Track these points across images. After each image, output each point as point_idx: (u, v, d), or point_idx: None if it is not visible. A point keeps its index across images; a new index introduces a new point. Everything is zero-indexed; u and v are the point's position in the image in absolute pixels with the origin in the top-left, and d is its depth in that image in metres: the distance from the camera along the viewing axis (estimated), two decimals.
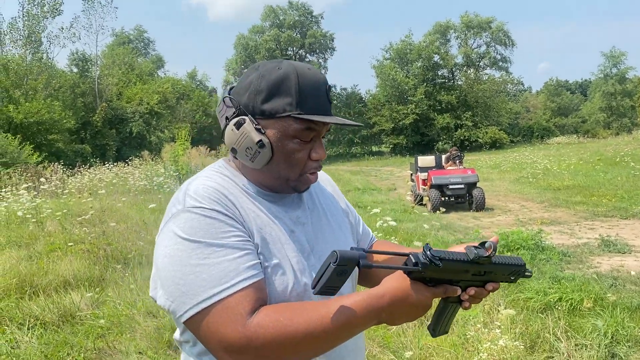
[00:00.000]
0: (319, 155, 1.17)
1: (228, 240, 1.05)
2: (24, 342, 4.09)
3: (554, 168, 19.44)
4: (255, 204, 1.16)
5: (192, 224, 1.05)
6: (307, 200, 1.29)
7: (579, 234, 8.40)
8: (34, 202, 9.43)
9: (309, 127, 1.13)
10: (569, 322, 4.10)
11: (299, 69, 1.13)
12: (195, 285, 1.01)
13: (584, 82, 79.63)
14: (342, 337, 1.03)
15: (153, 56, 58.17)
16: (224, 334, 0.98)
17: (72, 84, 32.16)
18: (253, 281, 1.03)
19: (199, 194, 1.09)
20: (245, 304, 1.00)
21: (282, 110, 1.11)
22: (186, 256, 1.03)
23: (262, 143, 1.12)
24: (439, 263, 1.02)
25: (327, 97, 1.16)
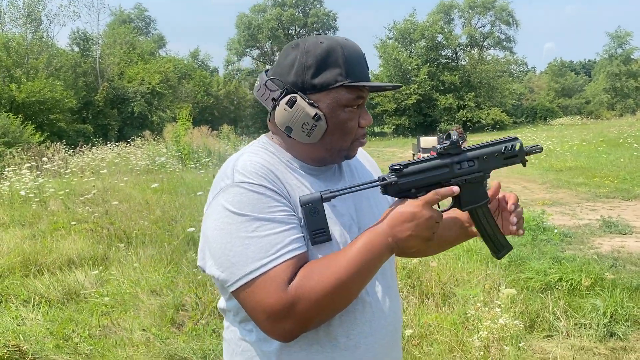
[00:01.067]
0: (367, 121, 1.22)
1: (274, 214, 1.10)
2: (30, 319, 4.14)
3: (556, 149, 19.38)
4: (299, 179, 1.21)
5: (240, 198, 1.10)
6: (347, 175, 1.33)
7: (580, 215, 8.41)
8: (37, 182, 9.47)
9: (359, 96, 1.18)
10: (569, 302, 4.13)
11: (340, 41, 1.19)
12: (243, 256, 1.07)
13: (588, 63, 78.98)
14: (365, 275, 1.08)
15: (154, 35, 57.71)
16: (268, 302, 1.04)
17: (73, 63, 31.96)
18: (297, 253, 1.08)
19: (246, 169, 1.14)
20: (288, 272, 1.06)
21: (334, 81, 1.15)
22: (235, 229, 1.09)
23: (319, 116, 1.16)
24: (401, 167, 1.08)
25: (366, 64, 1.22)
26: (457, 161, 1.13)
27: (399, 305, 1.36)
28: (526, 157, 1.25)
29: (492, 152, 1.18)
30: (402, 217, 1.07)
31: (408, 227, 1.07)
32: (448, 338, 3.38)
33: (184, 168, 13.86)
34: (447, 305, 4.10)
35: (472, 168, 1.15)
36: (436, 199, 1.09)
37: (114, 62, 34.68)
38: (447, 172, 1.12)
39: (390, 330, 1.27)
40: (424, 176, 1.10)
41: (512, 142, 1.21)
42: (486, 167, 1.18)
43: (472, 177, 1.16)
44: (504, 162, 1.21)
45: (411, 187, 1.09)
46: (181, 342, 3.58)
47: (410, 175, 1.09)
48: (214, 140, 20.28)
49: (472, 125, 43.66)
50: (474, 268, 4.81)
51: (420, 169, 1.10)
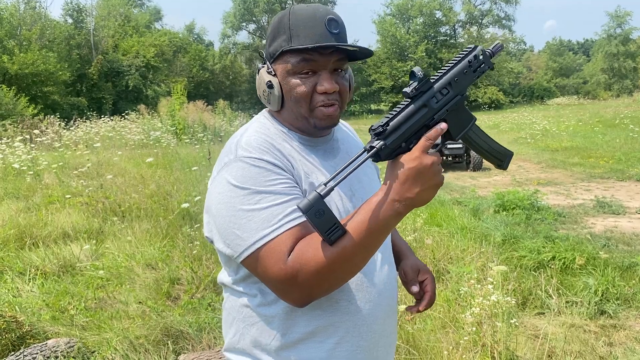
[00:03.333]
0: (324, 87, 1.18)
1: (275, 187, 1.11)
2: (25, 291, 4.16)
3: (552, 129, 19.40)
4: (300, 153, 1.23)
5: (242, 172, 1.12)
6: (343, 150, 1.35)
7: (574, 194, 8.46)
8: (30, 155, 9.41)
9: (304, 59, 1.17)
10: (561, 280, 4.18)
11: (294, 8, 1.19)
12: (248, 228, 1.09)
13: (587, 42, 78.54)
14: (372, 242, 1.06)
15: (150, 8, 56.86)
16: (272, 272, 1.07)
17: (67, 35, 31.55)
18: (298, 222, 1.09)
19: (250, 144, 1.16)
20: (289, 242, 1.07)
21: (279, 47, 1.18)
22: (239, 202, 1.10)
23: (271, 83, 1.20)
24: (384, 127, 1.04)
25: (326, 27, 1.17)
26: (431, 96, 1.09)
27: (395, 274, 1.38)
28: (492, 60, 1.21)
29: (460, 70, 1.13)
30: (405, 176, 1.03)
31: (415, 184, 1.03)
32: (441, 314, 3.41)
33: (178, 143, 13.80)
34: (440, 282, 4.14)
35: (448, 95, 1.11)
36: (429, 144, 1.05)
37: (109, 34, 34.24)
38: (426, 111, 1.08)
39: (388, 297, 1.30)
40: (407, 125, 1.06)
41: (473, 52, 1.16)
42: (461, 88, 1.14)
43: (452, 103, 1.12)
44: (474, 75, 1.16)
45: (400, 142, 1.05)
46: (177, 315, 3.61)
47: (395, 131, 1.05)
48: (209, 115, 20.16)
49: (469, 104, 43.54)
50: (467, 246, 4.84)
51: (401, 120, 1.05)
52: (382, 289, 1.27)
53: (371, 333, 1.25)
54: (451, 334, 3.19)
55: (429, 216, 6.07)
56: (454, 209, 6.68)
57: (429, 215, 6.14)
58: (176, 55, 40.91)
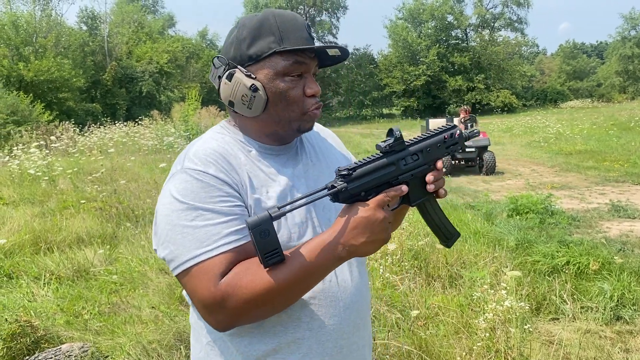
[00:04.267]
0: (313, 90, 1.17)
1: (215, 205, 1.07)
2: (40, 296, 4.20)
3: (566, 132, 19.23)
4: (255, 164, 1.18)
5: (185, 185, 1.09)
6: (310, 153, 1.30)
7: (589, 198, 8.37)
8: (46, 160, 9.52)
9: (296, 61, 1.14)
10: (576, 285, 4.14)
11: (275, 12, 1.17)
12: (181, 245, 1.06)
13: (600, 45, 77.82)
14: (306, 282, 1.06)
15: (164, 15, 57.37)
16: (200, 293, 1.04)
17: (81, 42, 31.93)
18: (234, 246, 1.06)
19: (197, 155, 1.13)
20: (222, 266, 1.04)
21: (267, 49, 1.13)
22: (176, 217, 1.07)
23: (255, 86, 1.14)
24: (350, 172, 1.05)
25: (308, 31, 1.16)
26: (402, 157, 1.12)
27: (366, 285, 1.33)
28: (465, 142, 1.26)
29: (434, 142, 1.18)
30: (355, 224, 1.04)
31: (362, 233, 1.04)
32: (454, 319, 3.39)
33: None
34: (453, 287, 4.11)
35: (417, 162, 1.14)
36: (387, 200, 1.07)
37: (122, 41, 34.60)
38: (393, 169, 1.11)
39: (357, 310, 1.25)
40: (372, 177, 1.08)
41: (450, 130, 1.21)
42: (430, 159, 1.17)
43: (418, 170, 1.15)
44: (446, 150, 1.21)
45: (361, 190, 1.07)
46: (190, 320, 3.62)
47: (359, 179, 1.06)
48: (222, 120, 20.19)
49: (482, 108, 43.33)
50: (481, 250, 4.81)
51: (368, 170, 1.07)
52: (349, 302, 1.23)
53: (337, 348, 1.21)
54: (464, 339, 3.17)
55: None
56: (466, 213, 6.64)
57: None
58: (189, 61, 41.20)
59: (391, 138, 1.11)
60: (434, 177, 1.16)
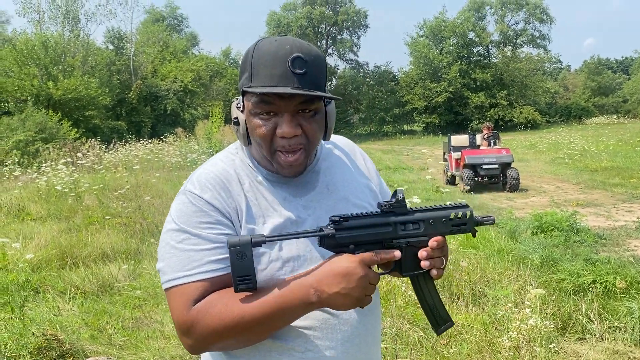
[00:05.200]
0: (283, 131, 1.08)
1: (203, 230, 1.09)
2: (66, 310, 4.27)
3: (591, 149, 18.94)
4: (259, 191, 1.16)
5: (181, 207, 1.13)
6: (329, 182, 1.24)
7: (615, 216, 8.21)
8: (72, 177, 9.71)
9: (262, 100, 1.08)
10: (603, 305, 4.05)
11: (260, 43, 1.10)
12: (168, 264, 1.10)
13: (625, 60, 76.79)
14: (275, 321, 1.04)
15: (187, 34, 58.43)
16: (175, 315, 1.08)
17: (108, 61, 32.65)
18: (212, 275, 1.07)
19: (199, 179, 1.15)
20: (197, 292, 1.06)
21: (241, 85, 1.12)
22: (169, 236, 1.12)
23: (237, 120, 1.15)
24: (341, 220, 1.01)
25: (289, 67, 1.06)
26: (401, 221, 1.07)
27: (375, 318, 1.26)
28: (476, 227, 1.17)
29: (440, 216, 1.11)
30: (333, 272, 1.00)
31: (337, 283, 1.00)
32: (478, 338, 3.35)
33: None
34: (477, 306, 4.06)
35: (417, 231, 1.09)
36: (374, 260, 1.02)
37: (148, 60, 35.28)
38: (389, 231, 1.06)
39: (357, 344, 1.18)
40: (364, 232, 1.04)
41: (462, 209, 1.14)
42: (432, 232, 1.10)
43: (416, 240, 1.09)
44: (451, 228, 1.13)
45: (350, 242, 1.03)
46: None
47: (350, 230, 1.02)
48: None
49: (505, 124, 42.93)
50: (505, 268, 4.75)
51: (361, 224, 1.04)
52: (349, 335, 1.17)
53: None
54: (488, 358, 3.12)
55: (465, 238, 5.98)
56: (490, 231, 6.56)
57: (465, 237, 6.04)
58: (213, 80, 41.78)
59: (394, 199, 1.08)
60: (427, 253, 1.09)
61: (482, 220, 1.17)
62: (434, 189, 11.23)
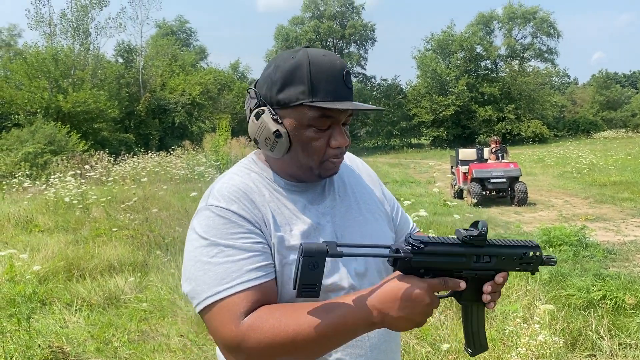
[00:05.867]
0: (338, 142, 1.15)
1: (236, 241, 1.07)
2: (72, 322, 4.26)
3: (600, 163, 18.84)
4: (280, 200, 1.17)
5: (207, 222, 1.10)
6: (339, 188, 1.28)
7: (625, 231, 8.14)
8: (80, 189, 9.77)
9: (323, 115, 1.11)
10: (613, 321, 4.00)
11: (312, 57, 1.11)
12: (202, 282, 1.06)
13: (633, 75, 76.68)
14: (333, 340, 1.01)
15: (196, 47, 58.97)
16: (221, 332, 1.02)
17: (117, 74, 32.94)
18: (255, 283, 1.05)
19: (221, 192, 1.13)
20: (243, 305, 1.02)
21: (295, 99, 1.10)
22: (199, 253, 1.08)
23: (279, 133, 1.12)
24: (421, 246, 0.98)
25: (344, 82, 1.12)
26: (476, 253, 1.06)
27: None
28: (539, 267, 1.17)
29: (512, 254, 1.10)
30: (401, 296, 0.98)
31: (403, 308, 0.98)
32: (486, 354, 3.31)
33: None
34: (485, 321, 4.02)
35: (488, 265, 1.08)
36: (442, 288, 1.02)
37: (157, 73, 35.57)
38: (464, 261, 1.05)
39: (384, 350, 1.22)
40: (440, 259, 1.01)
41: (533, 249, 1.13)
42: (500, 267, 1.09)
43: (484, 273, 1.08)
44: (518, 266, 1.13)
45: (422, 267, 1.01)
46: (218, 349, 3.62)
47: (427, 255, 1.00)
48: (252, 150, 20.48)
49: (512, 138, 42.85)
50: (513, 283, 4.71)
51: (440, 251, 1.01)
52: (376, 342, 1.19)
53: None
54: None
55: None
56: None
57: None
58: (221, 93, 42.06)
59: (474, 230, 1.05)
60: (492, 288, 1.09)
61: (547, 260, 1.17)
62: (441, 202, 11.19)
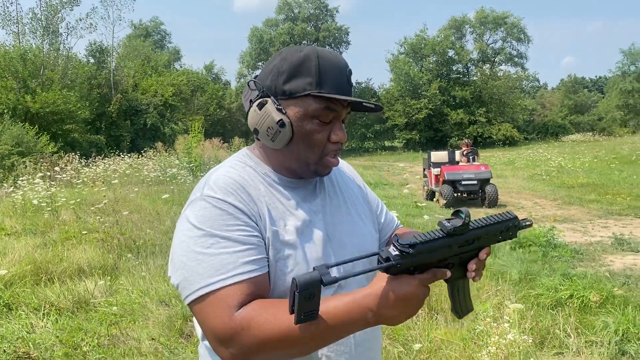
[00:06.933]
0: (339, 137, 1.17)
1: (232, 233, 1.07)
2: (39, 327, 4.17)
3: (568, 166, 19.27)
4: (274, 195, 1.18)
5: (203, 212, 1.08)
6: (329, 188, 1.30)
7: (592, 232, 8.34)
8: (49, 191, 9.56)
9: (328, 107, 1.14)
10: (580, 319, 4.09)
11: (320, 51, 1.16)
12: (195, 272, 1.04)
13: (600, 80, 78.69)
14: (326, 338, 1.02)
15: (170, 49, 58.39)
16: (213, 323, 1.01)
17: (89, 75, 32.37)
18: (249, 276, 1.04)
19: (217, 184, 1.12)
20: (236, 297, 1.02)
21: (302, 89, 1.13)
22: (192, 243, 1.06)
23: (283, 122, 1.13)
24: (410, 250, 0.98)
25: (347, 80, 1.17)
26: (460, 240, 1.07)
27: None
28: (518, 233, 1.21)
29: (494, 231, 1.13)
30: (395, 296, 0.98)
31: (398, 306, 0.98)
32: (457, 353, 3.35)
33: (194, 179, 13.94)
34: (456, 321, 4.07)
35: (471, 246, 1.10)
36: (432, 280, 1.03)
37: (129, 74, 35.07)
38: (447, 250, 1.05)
39: (367, 348, 1.24)
40: (428, 256, 1.02)
41: (512, 220, 1.16)
42: (482, 245, 1.12)
43: (467, 255, 1.12)
44: (499, 238, 1.16)
45: (411, 265, 1.01)
46: (189, 352, 3.59)
47: (414, 257, 0.99)
48: (225, 153, 20.40)
49: (483, 141, 43.54)
50: (484, 284, 4.78)
51: (427, 249, 1.01)
52: (360, 340, 1.21)
53: None
54: None
55: None
56: None
57: None
58: (194, 94, 41.71)
59: (458, 219, 1.04)
60: (477, 266, 1.11)
61: (523, 225, 1.20)
62: (412, 204, 11.29)
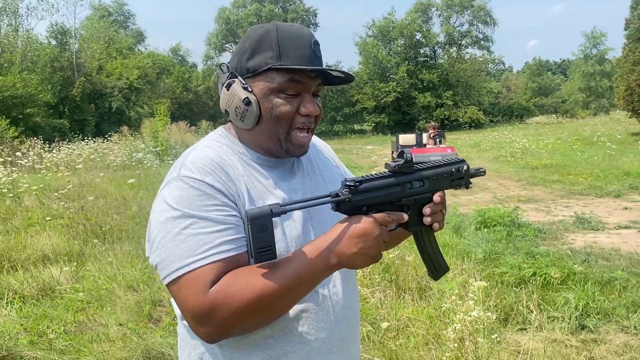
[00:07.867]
0: (308, 109, 1.15)
1: (210, 213, 1.06)
2: (3, 316, 4.08)
3: (532, 147, 19.68)
4: (252, 174, 1.17)
5: (180, 193, 1.07)
6: (307, 166, 1.30)
7: (554, 211, 8.56)
8: (11, 177, 9.29)
9: (292, 79, 1.12)
10: (542, 296, 4.22)
11: (280, 25, 1.15)
12: (172, 253, 1.04)
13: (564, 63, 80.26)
14: (298, 291, 1.04)
15: (133, 30, 56.97)
16: (190, 302, 1.02)
17: (50, 57, 31.37)
18: (226, 255, 1.05)
19: (194, 164, 1.11)
20: (213, 275, 1.02)
21: (264, 64, 1.12)
22: (170, 224, 1.06)
23: (248, 100, 1.13)
24: (357, 184, 1.04)
25: (313, 51, 1.15)
26: (408, 180, 1.13)
27: (356, 299, 1.33)
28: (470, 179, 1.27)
29: (442, 173, 1.19)
30: (352, 233, 1.03)
31: (355, 244, 1.02)
32: (424, 331, 3.42)
33: (161, 164, 13.75)
34: (423, 299, 4.15)
35: (422, 188, 1.15)
36: (387, 220, 1.07)
37: (93, 56, 34.14)
38: (398, 190, 1.11)
39: (346, 325, 1.25)
40: (377, 194, 1.07)
41: (459, 164, 1.23)
42: (434, 188, 1.17)
43: (421, 197, 1.15)
44: (450, 183, 1.22)
45: (363, 204, 1.06)
46: (158, 337, 3.57)
47: (364, 193, 1.06)
48: (192, 136, 20.14)
49: (450, 124, 44.05)
50: (450, 263, 4.88)
51: (374, 186, 1.07)
52: (340, 316, 1.22)
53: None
54: (433, 350, 3.20)
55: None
56: None
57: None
58: (160, 77, 40.92)
59: (402, 159, 1.11)
60: (431, 209, 1.16)
61: (475, 172, 1.27)
62: None
